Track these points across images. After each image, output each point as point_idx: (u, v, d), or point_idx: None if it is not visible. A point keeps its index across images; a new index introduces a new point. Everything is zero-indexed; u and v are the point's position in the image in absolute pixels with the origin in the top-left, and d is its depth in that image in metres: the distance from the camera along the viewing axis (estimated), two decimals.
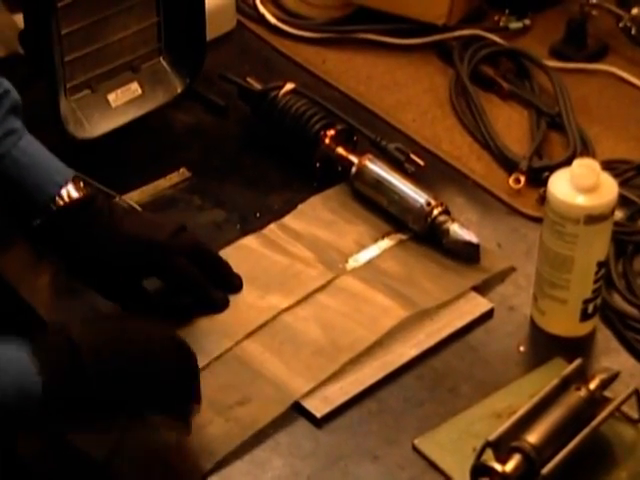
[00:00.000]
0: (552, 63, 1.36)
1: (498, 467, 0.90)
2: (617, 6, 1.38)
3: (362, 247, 1.14)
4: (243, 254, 1.12)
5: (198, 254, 1.06)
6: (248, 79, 1.29)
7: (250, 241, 1.14)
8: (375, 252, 1.13)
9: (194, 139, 1.28)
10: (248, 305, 1.07)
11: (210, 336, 1.04)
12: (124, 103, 1.24)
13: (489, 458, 0.91)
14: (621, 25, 1.38)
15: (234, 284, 1.08)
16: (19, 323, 1.12)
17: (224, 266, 1.09)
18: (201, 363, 1.01)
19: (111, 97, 1.24)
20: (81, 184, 1.04)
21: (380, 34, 1.40)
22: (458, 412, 1.00)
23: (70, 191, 1.03)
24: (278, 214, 1.17)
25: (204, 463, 0.95)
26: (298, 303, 1.08)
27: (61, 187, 1.02)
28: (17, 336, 0.91)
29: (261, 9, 1.43)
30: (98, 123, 1.22)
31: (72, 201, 1.02)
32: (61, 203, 1.02)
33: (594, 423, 0.95)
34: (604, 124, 1.30)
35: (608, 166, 1.15)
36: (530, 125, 1.29)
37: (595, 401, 0.96)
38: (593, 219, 1.01)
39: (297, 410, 1.00)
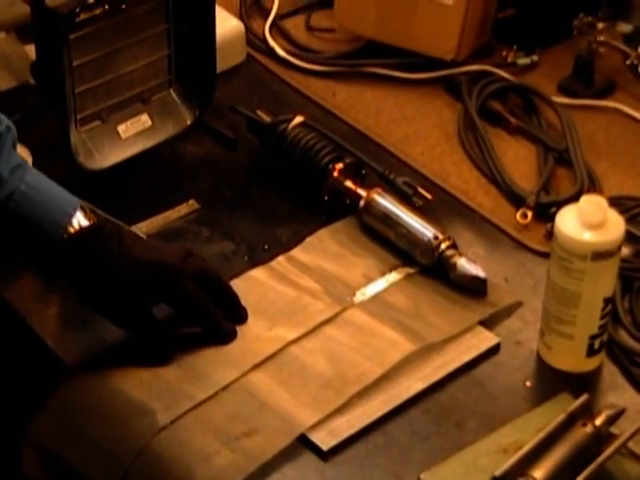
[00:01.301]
0: (560, 99, 1.37)
1: None
2: (624, 44, 1.39)
3: (370, 280, 1.14)
4: (251, 286, 1.13)
5: (207, 278, 1.07)
6: (257, 112, 1.30)
7: (258, 273, 1.14)
8: (383, 285, 1.14)
9: (203, 171, 1.28)
10: (255, 336, 1.08)
11: (217, 366, 1.04)
12: (134, 134, 1.25)
13: None
14: (628, 62, 1.39)
15: (240, 315, 1.09)
16: (27, 353, 1.13)
17: (232, 294, 1.09)
18: (208, 392, 1.02)
19: (121, 128, 1.24)
20: (88, 211, 1.04)
21: (389, 68, 1.41)
22: (464, 446, 0.99)
23: (80, 220, 1.03)
24: (286, 246, 1.18)
25: None
26: (305, 335, 1.08)
27: (71, 216, 1.03)
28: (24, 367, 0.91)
29: (271, 42, 1.44)
30: (108, 154, 1.23)
31: (82, 229, 1.03)
32: (72, 231, 1.02)
33: (600, 459, 0.95)
34: (611, 160, 1.30)
35: (615, 202, 1.15)
36: (538, 160, 1.29)
37: (601, 437, 0.96)
38: (600, 255, 1.01)
39: (303, 443, 1.00)
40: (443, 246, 1.14)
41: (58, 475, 1.02)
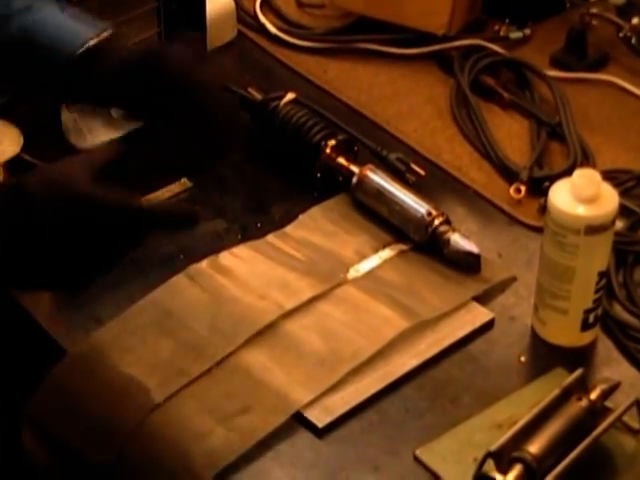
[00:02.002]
0: (552, 73, 1.36)
1: (499, 478, 0.90)
2: (617, 16, 1.39)
3: (363, 257, 1.14)
4: (241, 261, 1.12)
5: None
6: (249, 89, 1.29)
7: (248, 248, 1.14)
8: (376, 262, 1.13)
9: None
10: (247, 305, 1.07)
11: (210, 337, 1.04)
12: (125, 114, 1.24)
13: (490, 469, 0.91)
14: (621, 35, 1.38)
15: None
16: (21, 334, 1.12)
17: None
18: (202, 368, 1.02)
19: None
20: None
21: (381, 44, 1.40)
22: (459, 422, 1.00)
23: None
24: (279, 224, 1.17)
25: (206, 473, 0.95)
26: (299, 311, 1.08)
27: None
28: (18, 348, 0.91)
29: (262, 19, 1.44)
30: (99, 133, 1.22)
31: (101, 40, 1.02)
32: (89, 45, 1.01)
33: (595, 433, 0.95)
34: (605, 134, 1.30)
35: (609, 176, 1.15)
36: (531, 135, 1.29)
37: (596, 411, 0.96)
38: (594, 229, 1.01)
39: (298, 420, 1.00)
40: (436, 222, 1.13)
41: (58, 453, 1.03)
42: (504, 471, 0.91)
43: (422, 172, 1.21)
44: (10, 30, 1.01)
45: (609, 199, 1.02)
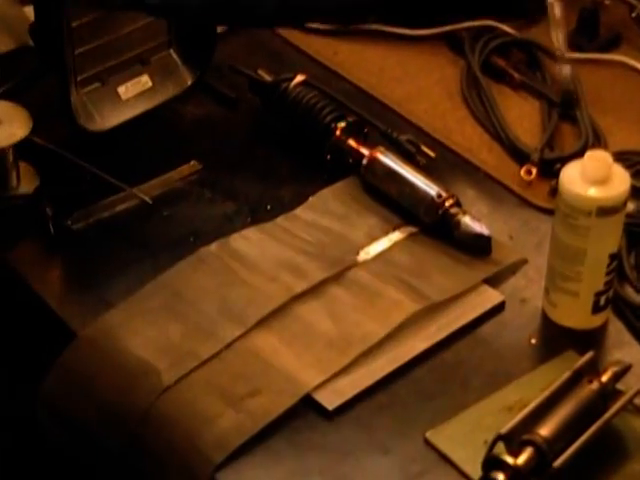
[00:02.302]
0: (567, 54, 1.35)
1: (510, 460, 0.90)
2: None
3: (373, 239, 1.14)
4: (250, 243, 1.12)
5: None
6: (259, 71, 1.29)
7: (258, 231, 1.14)
8: (386, 244, 1.13)
9: (204, 131, 1.28)
10: (257, 287, 1.07)
11: (221, 320, 1.04)
12: (134, 96, 1.24)
13: (501, 451, 0.91)
14: (634, 15, 1.38)
15: None
16: (31, 317, 1.13)
17: None
18: (212, 351, 1.02)
19: (121, 90, 1.24)
20: None
21: (391, 25, 1.39)
22: (469, 405, 0.99)
23: None
24: (289, 206, 1.17)
25: (216, 455, 0.95)
26: (309, 293, 1.07)
27: None
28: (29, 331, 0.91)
29: None
30: (109, 116, 1.22)
31: None
32: None
33: (606, 416, 0.95)
34: (616, 115, 1.29)
35: (620, 157, 1.14)
36: (542, 116, 1.28)
37: (607, 394, 0.96)
38: (605, 211, 1.01)
39: (308, 403, 1.00)
40: (447, 204, 1.13)
41: (73, 433, 1.03)
42: (515, 454, 0.91)
43: (432, 154, 1.20)
44: None
45: (620, 181, 1.02)
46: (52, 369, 1.03)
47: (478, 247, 1.12)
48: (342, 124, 1.20)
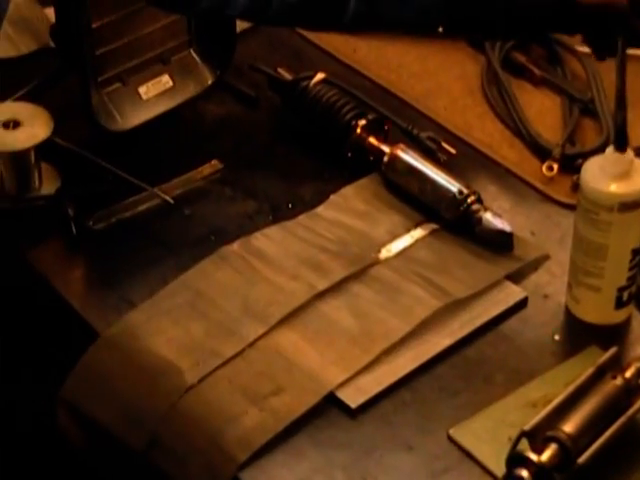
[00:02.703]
0: (584, 48, 1.35)
1: (534, 457, 0.90)
2: None
3: (395, 237, 1.13)
4: (271, 241, 1.12)
5: None
6: (278, 69, 1.29)
7: (280, 229, 1.14)
8: (408, 242, 1.13)
9: (225, 130, 1.28)
10: (279, 287, 1.07)
11: (243, 319, 1.04)
12: (155, 95, 1.25)
13: (525, 448, 0.91)
14: None
15: None
16: (54, 316, 1.13)
17: None
18: (235, 349, 1.02)
19: (142, 90, 1.24)
20: None
21: None
22: (493, 402, 0.99)
23: None
24: (310, 205, 1.17)
25: (239, 454, 0.95)
26: (331, 291, 1.07)
27: None
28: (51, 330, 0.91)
29: None
30: (129, 116, 1.22)
31: None
32: None
33: (630, 412, 0.94)
34: (637, 110, 1.28)
35: None
36: (562, 112, 1.28)
37: (631, 389, 0.96)
38: (627, 206, 1.00)
39: (331, 401, 1.00)
40: (468, 201, 1.13)
41: (92, 434, 1.03)
42: (538, 450, 0.91)
43: (453, 150, 1.20)
44: None
45: None
46: (74, 370, 1.04)
47: (500, 243, 1.12)
48: (362, 122, 1.20)
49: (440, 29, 1.00)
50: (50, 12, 1.24)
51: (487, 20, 0.98)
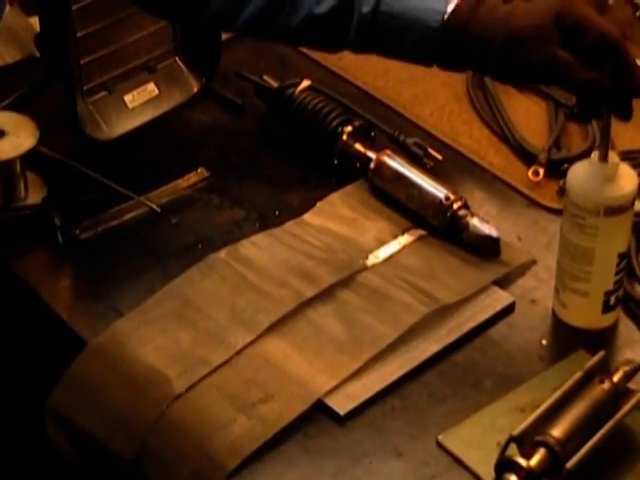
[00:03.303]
0: None
1: (523, 462, 0.90)
2: None
3: (382, 243, 1.14)
4: (259, 249, 1.12)
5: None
6: (264, 77, 1.29)
7: (267, 236, 1.14)
8: (395, 248, 1.13)
9: (211, 138, 1.28)
10: (266, 293, 1.07)
11: (231, 327, 1.04)
12: (141, 104, 1.24)
13: (514, 453, 0.91)
14: (638, 14, 1.37)
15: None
16: (41, 326, 1.13)
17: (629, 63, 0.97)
18: (222, 357, 1.02)
19: (128, 98, 1.24)
20: None
21: None
22: (481, 407, 0.99)
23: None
24: (297, 212, 1.17)
25: (229, 462, 0.95)
26: (319, 298, 1.07)
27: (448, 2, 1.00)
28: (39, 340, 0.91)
29: None
30: (115, 124, 1.22)
31: (460, 7, 0.99)
32: (449, 13, 0.99)
33: (618, 415, 0.94)
34: None
35: (627, 156, 1.15)
36: (548, 117, 1.28)
37: (619, 393, 0.96)
38: (613, 210, 1.01)
39: (320, 408, 1.00)
40: (455, 206, 1.13)
41: (81, 443, 1.03)
42: (527, 455, 0.91)
43: (439, 156, 1.20)
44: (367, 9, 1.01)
45: (628, 180, 1.02)
46: (62, 379, 1.03)
47: (487, 249, 1.12)
48: (349, 128, 1.20)
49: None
50: (35, 21, 1.23)
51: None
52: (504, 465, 0.91)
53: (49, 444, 1.05)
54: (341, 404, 1.00)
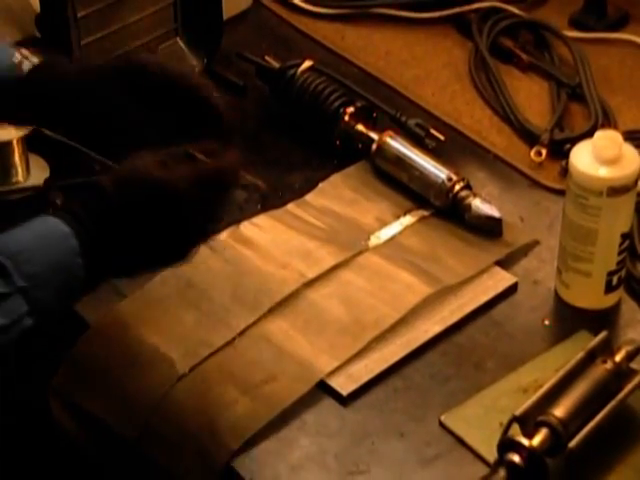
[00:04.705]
0: (572, 33, 1.35)
1: (525, 442, 0.90)
2: None
3: (384, 224, 1.13)
4: (262, 230, 1.12)
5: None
6: (266, 57, 1.28)
7: (269, 217, 1.14)
8: (397, 229, 1.13)
9: None
10: (269, 274, 1.07)
11: (233, 308, 1.04)
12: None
13: (516, 433, 0.91)
14: None
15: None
16: None
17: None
18: (225, 338, 1.02)
19: None
20: (35, 52, 1.03)
21: (398, 8, 1.39)
22: (484, 387, 1.00)
23: (31, 58, 1.02)
24: (299, 193, 1.17)
25: (232, 442, 0.95)
26: (320, 279, 1.07)
27: (21, 56, 1.01)
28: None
29: None
30: None
31: (40, 63, 1.01)
32: (28, 67, 1.01)
33: (621, 395, 0.94)
34: (626, 94, 1.29)
35: (630, 136, 1.14)
36: (551, 97, 1.28)
37: (621, 373, 0.96)
38: (616, 191, 1.00)
39: (322, 388, 1.00)
40: (457, 187, 1.13)
41: (86, 424, 1.03)
42: (530, 435, 0.91)
43: (442, 137, 1.20)
44: None
45: (631, 160, 1.01)
46: (65, 360, 1.04)
47: (489, 229, 1.12)
48: (351, 109, 1.20)
49: None
50: (35, 1, 1.23)
51: None
52: (506, 445, 0.91)
53: (54, 424, 1.05)
54: (343, 385, 1.00)
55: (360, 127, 1.20)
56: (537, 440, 0.91)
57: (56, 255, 0.89)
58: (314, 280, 1.07)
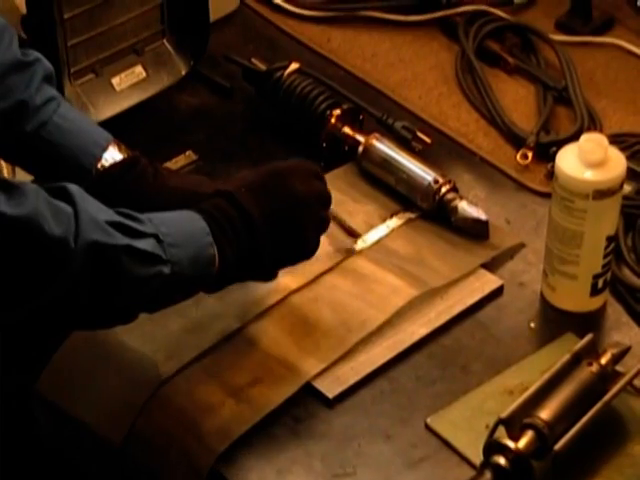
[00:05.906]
0: (558, 37, 1.36)
1: (511, 444, 0.90)
2: None
3: (371, 227, 1.13)
4: None
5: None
6: (252, 60, 1.28)
7: None
8: (384, 231, 1.13)
9: (199, 121, 1.27)
10: (256, 286, 1.07)
11: (219, 317, 1.04)
12: (128, 86, 1.24)
13: (502, 435, 0.91)
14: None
15: None
16: None
17: None
18: (210, 342, 1.02)
19: (115, 81, 1.23)
20: (123, 147, 1.04)
21: (384, 11, 1.39)
22: (470, 390, 1.00)
23: (113, 154, 1.03)
24: None
25: (218, 445, 0.95)
26: (307, 284, 1.07)
27: (104, 149, 1.03)
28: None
29: None
30: (103, 107, 1.22)
31: (116, 162, 1.02)
32: (106, 164, 1.02)
33: (606, 398, 0.95)
34: (611, 97, 1.29)
35: (616, 140, 1.15)
36: (537, 100, 1.28)
37: (607, 376, 0.96)
38: (602, 194, 1.01)
39: (309, 391, 1.00)
40: (443, 190, 1.13)
41: (68, 429, 1.03)
42: (515, 438, 0.91)
43: (428, 140, 1.20)
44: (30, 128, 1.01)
45: (617, 163, 1.02)
46: (50, 364, 1.03)
47: (476, 232, 1.12)
48: (337, 111, 1.20)
49: None
50: (21, 2, 1.22)
51: None
52: (492, 447, 0.91)
53: (37, 428, 1.05)
54: (330, 387, 1.00)
55: (347, 129, 1.20)
56: (523, 443, 0.91)
57: (190, 227, 0.93)
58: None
